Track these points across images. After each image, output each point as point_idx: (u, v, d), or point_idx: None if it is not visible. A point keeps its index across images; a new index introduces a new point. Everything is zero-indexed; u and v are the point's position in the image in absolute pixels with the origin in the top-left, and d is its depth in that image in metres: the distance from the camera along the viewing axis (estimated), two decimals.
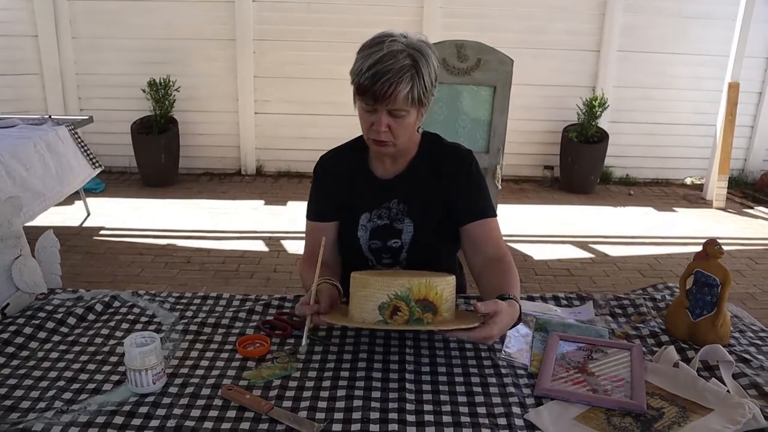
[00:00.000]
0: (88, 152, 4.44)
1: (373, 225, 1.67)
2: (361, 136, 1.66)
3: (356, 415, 1.16)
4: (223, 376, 1.29)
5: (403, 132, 1.53)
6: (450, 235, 1.69)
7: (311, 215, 1.74)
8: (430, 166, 1.67)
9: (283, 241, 4.37)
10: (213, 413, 1.17)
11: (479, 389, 1.26)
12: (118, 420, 1.14)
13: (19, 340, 1.41)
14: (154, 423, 1.14)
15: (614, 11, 5.68)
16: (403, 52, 1.44)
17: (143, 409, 1.17)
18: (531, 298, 1.69)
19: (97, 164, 4.49)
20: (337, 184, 1.70)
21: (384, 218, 1.67)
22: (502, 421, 1.16)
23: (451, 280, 1.35)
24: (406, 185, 1.66)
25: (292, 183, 5.79)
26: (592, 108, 5.61)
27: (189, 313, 1.56)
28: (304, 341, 1.37)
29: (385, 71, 1.42)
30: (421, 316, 1.29)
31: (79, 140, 4.39)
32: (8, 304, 1.52)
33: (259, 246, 4.31)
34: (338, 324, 1.38)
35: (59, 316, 1.51)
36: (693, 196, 5.89)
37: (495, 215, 1.68)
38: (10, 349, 1.37)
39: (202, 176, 5.96)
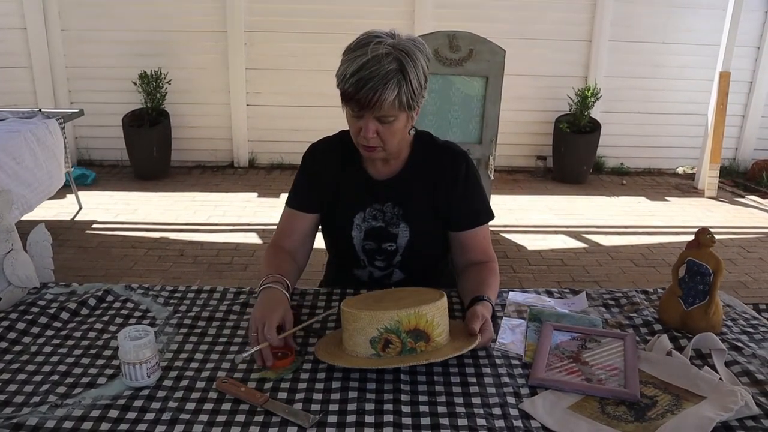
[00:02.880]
0: (67, 150, 4.42)
1: (368, 225, 1.63)
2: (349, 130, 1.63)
3: (351, 407, 1.17)
4: (218, 369, 1.29)
5: (392, 137, 1.48)
6: (444, 238, 1.67)
7: (292, 203, 1.69)
8: (424, 169, 1.62)
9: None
10: (208, 406, 1.17)
11: (474, 379, 1.26)
12: (113, 414, 1.14)
13: (12, 335, 1.40)
14: (149, 416, 1.14)
15: (606, 1, 5.68)
16: (389, 55, 1.37)
17: (138, 403, 1.17)
18: (524, 291, 1.69)
19: (67, 162, 4.48)
20: (326, 177, 1.65)
21: (379, 220, 1.62)
22: (496, 411, 1.17)
23: (441, 303, 1.29)
24: (401, 189, 1.62)
25: (285, 175, 5.78)
26: (585, 98, 5.61)
27: (183, 307, 1.56)
28: (244, 355, 1.27)
29: (369, 78, 1.36)
30: (414, 345, 1.25)
31: (64, 136, 4.36)
32: (0, 299, 1.51)
33: (253, 238, 4.30)
34: (331, 363, 1.28)
35: (52, 310, 1.50)
36: (685, 185, 5.91)
37: (489, 219, 1.65)
38: (3, 344, 1.37)
39: (194, 169, 5.94)
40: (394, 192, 1.62)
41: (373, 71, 1.36)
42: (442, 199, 1.61)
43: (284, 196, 1.76)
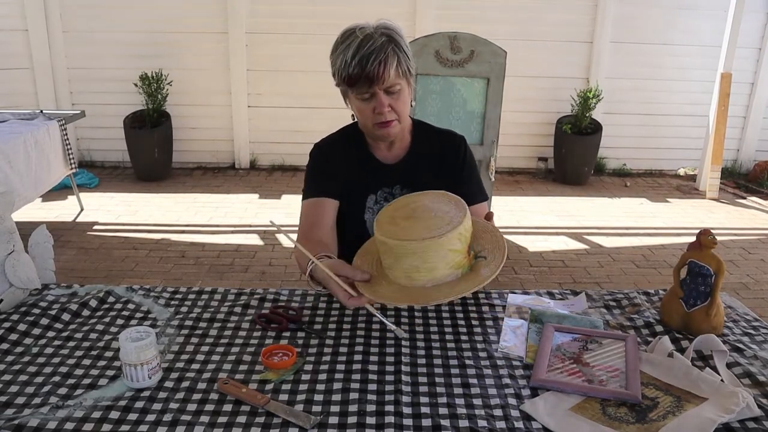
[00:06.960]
0: (70, 151, 4.41)
1: (380, 207, 1.70)
2: (351, 125, 1.73)
3: (353, 408, 1.16)
4: (219, 370, 1.29)
5: (404, 106, 1.60)
6: None
7: (312, 192, 1.71)
8: (427, 151, 1.73)
9: (277, 235, 4.36)
10: (209, 407, 1.17)
11: (475, 381, 1.26)
12: (114, 415, 1.14)
13: (14, 336, 1.40)
14: (150, 417, 1.14)
15: (607, 2, 5.68)
16: (377, 32, 1.53)
17: (139, 404, 1.17)
18: (525, 293, 1.69)
19: (72, 165, 4.46)
20: (336, 167, 1.73)
21: (390, 201, 1.68)
22: (498, 412, 1.17)
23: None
24: (407, 171, 1.72)
25: (286, 176, 5.78)
26: (586, 99, 5.61)
27: (184, 309, 1.56)
28: (395, 329, 1.38)
29: (370, 53, 1.50)
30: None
31: (66, 138, 4.36)
32: (2, 300, 1.51)
33: (254, 240, 4.31)
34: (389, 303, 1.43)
35: (53, 312, 1.50)
36: (686, 186, 5.91)
37: (486, 199, 1.76)
38: (5, 346, 1.37)
39: (195, 170, 5.94)
40: (401, 174, 1.72)
41: (370, 46, 1.50)
42: (447, 179, 1.71)
43: (285, 197, 1.78)
